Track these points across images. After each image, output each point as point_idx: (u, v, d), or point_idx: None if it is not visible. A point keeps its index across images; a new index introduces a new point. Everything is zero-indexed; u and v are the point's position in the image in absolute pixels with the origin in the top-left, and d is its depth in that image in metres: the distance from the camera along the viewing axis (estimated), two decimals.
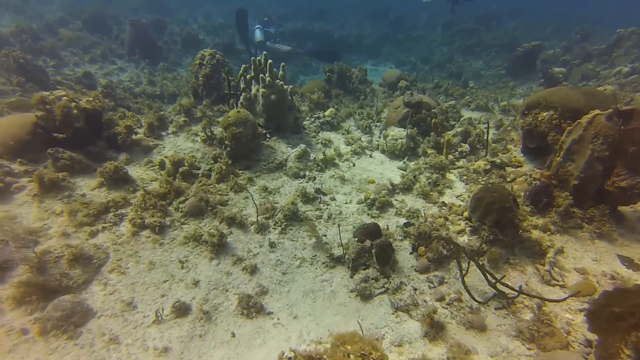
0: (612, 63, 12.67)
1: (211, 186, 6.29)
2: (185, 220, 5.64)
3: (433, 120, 7.70)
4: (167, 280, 4.71)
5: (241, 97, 7.74)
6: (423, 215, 5.70)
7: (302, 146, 7.07)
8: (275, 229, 5.66)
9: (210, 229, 5.38)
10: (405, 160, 7.48)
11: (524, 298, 4.28)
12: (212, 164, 6.83)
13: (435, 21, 28.47)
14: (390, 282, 4.65)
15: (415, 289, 4.58)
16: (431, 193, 6.34)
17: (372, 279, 4.69)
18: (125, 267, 4.75)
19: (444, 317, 4.21)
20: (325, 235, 5.45)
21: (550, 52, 13.57)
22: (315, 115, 8.95)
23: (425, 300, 4.41)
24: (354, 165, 7.41)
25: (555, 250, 4.77)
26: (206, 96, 9.20)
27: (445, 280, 4.67)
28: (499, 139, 7.74)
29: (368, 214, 5.93)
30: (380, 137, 8.53)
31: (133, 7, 25.28)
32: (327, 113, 8.95)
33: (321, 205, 6.09)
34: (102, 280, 4.47)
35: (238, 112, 6.82)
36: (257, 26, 15.93)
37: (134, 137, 7.33)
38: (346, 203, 6.25)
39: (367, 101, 10.80)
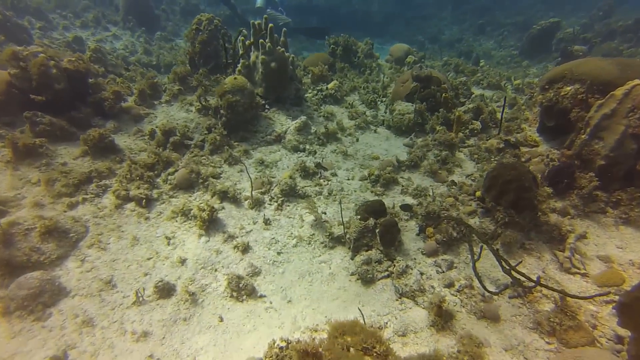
0: (638, 41, 11.92)
1: (204, 158, 5.84)
2: (174, 193, 5.22)
3: (443, 95, 7.17)
4: (152, 258, 4.32)
5: (239, 65, 7.19)
6: (431, 194, 5.26)
7: (303, 118, 6.58)
8: (271, 204, 5.24)
9: (201, 203, 4.96)
10: (412, 136, 6.99)
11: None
12: (205, 134, 6.35)
13: None
14: (394, 266, 4.25)
15: (421, 274, 4.18)
16: (440, 171, 5.88)
17: (375, 261, 4.29)
18: (106, 242, 4.35)
19: (453, 305, 3.82)
20: (325, 213, 5.03)
21: (569, 31, 12.82)
22: (318, 88, 8.39)
23: (432, 286, 4.02)
24: (357, 140, 6.92)
25: (576, 235, 4.34)
26: (203, 64, 8.62)
27: (455, 265, 4.27)
28: (512, 118, 7.22)
29: (372, 191, 5.49)
30: (386, 112, 8.01)
31: None
32: (330, 86, 8.39)
33: (321, 180, 5.65)
34: (79, 256, 4.07)
35: (235, 79, 6.30)
36: None
37: (123, 104, 6.82)
38: (348, 179, 5.80)
39: (373, 76, 10.20)
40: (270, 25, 6.73)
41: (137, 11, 13.98)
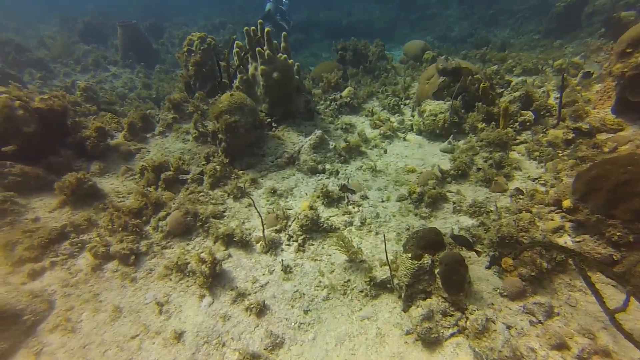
0: None
1: (202, 194, 4.82)
2: (168, 242, 4.18)
3: (481, 85, 5.99)
4: (138, 335, 3.25)
5: (236, 80, 6.25)
6: (495, 209, 4.04)
7: (318, 132, 5.51)
8: (289, 245, 4.13)
9: (201, 253, 3.90)
10: (450, 139, 5.80)
11: None
12: (203, 165, 5.37)
13: None
14: (467, 318, 3.03)
15: (508, 327, 2.94)
16: (496, 178, 4.65)
17: (439, 313, 3.08)
18: (77, 319, 3.31)
19: None
20: (360, 249, 3.87)
21: (602, 2, 11.51)
22: (330, 98, 7.36)
23: (532, 349, 2.76)
24: (385, 151, 5.79)
25: None
26: (199, 88, 7.76)
27: (557, 310, 3.00)
28: (569, 102, 5.94)
29: (416, 214, 4.31)
30: (413, 116, 6.87)
31: (129, 16, 24.41)
32: (344, 93, 7.36)
33: (350, 207, 4.52)
34: (34, 347, 3.04)
35: (231, 95, 5.33)
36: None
37: (111, 141, 5.96)
38: (382, 201, 4.65)
39: (390, 78, 9.13)
40: (267, 29, 5.79)
41: (135, 48, 13.56)
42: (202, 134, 6.05)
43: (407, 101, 7.51)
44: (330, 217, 4.39)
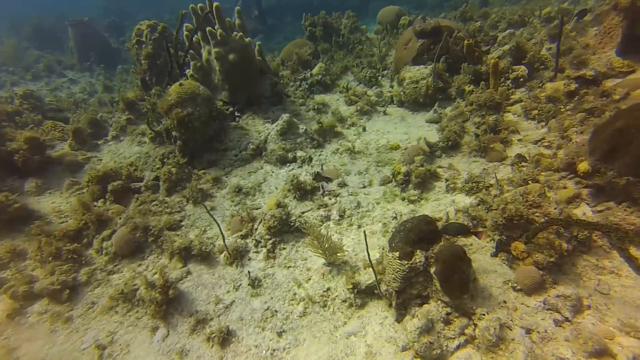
0: None
1: (155, 203, 4.13)
2: (115, 266, 3.51)
3: (465, 43, 5.28)
4: None
5: (189, 69, 5.49)
6: (496, 183, 3.40)
7: (285, 116, 4.81)
8: (257, 252, 3.48)
9: (155, 274, 3.25)
10: (435, 107, 5.12)
11: None
12: (158, 168, 4.67)
13: None
14: (475, 325, 2.41)
15: (528, 332, 2.33)
16: (492, 145, 4.00)
17: (440, 321, 2.46)
18: None
19: None
20: (340, 247, 3.23)
21: None
22: (300, 77, 6.62)
23: (561, 359, 2.15)
24: (364, 129, 5.11)
25: None
26: (157, 83, 6.97)
27: (587, 303, 2.39)
28: (565, 50, 5.26)
29: (403, 199, 3.67)
30: (392, 86, 6.18)
31: (91, 16, 23.11)
32: (314, 71, 6.63)
33: (326, 198, 3.86)
34: None
35: (180, 85, 4.59)
36: None
37: (53, 153, 5.23)
38: (364, 187, 4.00)
39: (365, 51, 8.36)
40: (216, 3, 5.00)
41: (91, 48, 12.58)
42: (158, 134, 5.32)
43: (385, 72, 6.78)
44: (303, 212, 3.73)
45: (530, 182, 3.18)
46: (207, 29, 5.01)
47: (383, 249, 3.01)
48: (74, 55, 13.24)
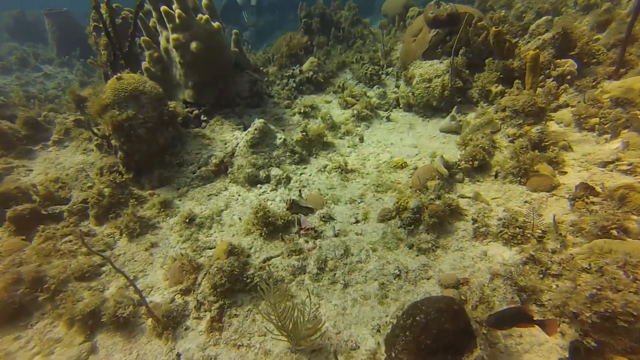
0: None
1: (67, 239, 3.03)
2: None
3: (492, 30, 4.15)
4: None
5: (144, 61, 4.41)
6: (555, 230, 2.26)
7: (258, 123, 3.70)
8: (199, 317, 2.38)
9: (35, 354, 2.16)
10: (453, 112, 3.99)
11: None
12: (90, 187, 3.58)
13: None
14: None
15: None
16: (536, 167, 2.87)
17: None
18: None
19: None
20: (316, 321, 2.11)
21: None
22: (287, 74, 5.51)
23: None
24: (361, 140, 3.99)
25: None
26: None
27: None
28: (617, 41, 4.11)
29: (411, 246, 2.54)
30: (398, 85, 5.06)
31: (78, 9, 22.16)
32: (305, 66, 5.52)
33: (302, 239, 2.74)
34: None
35: (118, 79, 3.50)
36: None
37: None
38: (357, 222, 2.87)
39: (368, 46, 7.25)
40: None
41: (70, 40, 11.63)
42: (104, 138, 4.24)
43: (390, 69, 5.65)
44: (269, 259, 2.62)
45: (613, 231, 2.04)
46: (163, 8, 3.93)
47: (378, 346, 1.90)
48: (53, 49, 12.29)
